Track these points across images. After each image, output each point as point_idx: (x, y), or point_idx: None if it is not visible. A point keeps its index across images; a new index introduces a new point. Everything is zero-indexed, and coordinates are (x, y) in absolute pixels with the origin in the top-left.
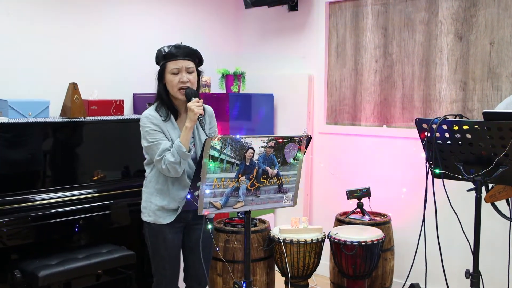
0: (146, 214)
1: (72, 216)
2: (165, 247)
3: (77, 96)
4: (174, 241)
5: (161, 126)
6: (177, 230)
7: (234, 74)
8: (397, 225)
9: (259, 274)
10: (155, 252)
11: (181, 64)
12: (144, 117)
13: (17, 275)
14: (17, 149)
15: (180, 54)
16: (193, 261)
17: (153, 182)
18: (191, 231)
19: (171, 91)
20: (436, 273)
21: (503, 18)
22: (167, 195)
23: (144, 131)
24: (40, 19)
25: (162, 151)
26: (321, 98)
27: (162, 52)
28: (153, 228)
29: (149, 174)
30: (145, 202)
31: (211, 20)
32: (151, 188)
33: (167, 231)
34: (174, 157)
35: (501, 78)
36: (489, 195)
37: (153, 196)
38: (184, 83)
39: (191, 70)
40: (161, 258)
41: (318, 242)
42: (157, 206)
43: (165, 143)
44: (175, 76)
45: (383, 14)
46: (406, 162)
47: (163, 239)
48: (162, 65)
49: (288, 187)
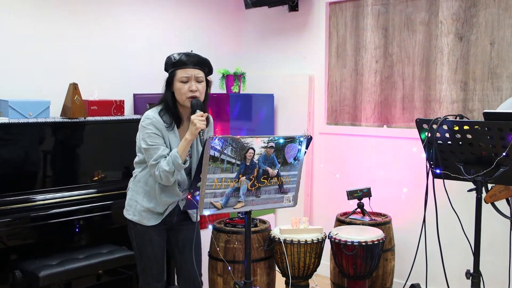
0: (130, 213)
1: (73, 216)
2: (152, 248)
3: (78, 96)
4: (160, 241)
5: (163, 132)
6: (162, 232)
7: (235, 74)
8: (398, 225)
9: (259, 274)
10: (141, 252)
11: (190, 73)
12: (147, 118)
13: (18, 275)
14: (17, 149)
15: (190, 63)
16: (185, 262)
17: (142, 183)
18: (177, 232)
19: (179, 99)
20: (437, 273)
21: (503, 19)
22: (154, 198)
23: (145, 133)
24: (41, 19)
25: (158, 157)
26: (322, 98)
27: (172, 59)
28: (139, 229)
29: (139, 174)
30: (130, 201)
31: (212, 20)
32: (139, 188)
33: (152, 232)
34: (169, 166)
35: (501, 78)
36: (489, 195)
37: (140, 196)
38: (193, 92)
39: (200, 79)
40: (148, 259)
41: (318, 242)
42: (143, 207)
43: (163, 149)
44: (184, 84)
45: (383, 15)
46: (407, 162)
47: (150, 240)
48: (171, 72)
49: (289, 187)
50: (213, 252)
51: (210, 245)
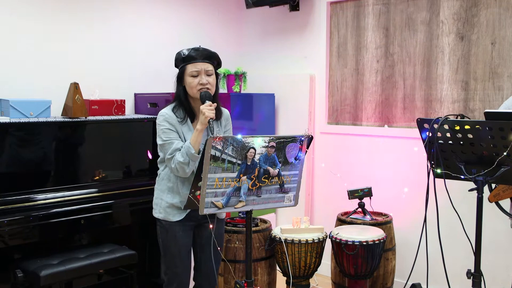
0: (157, 211)
1: (74, 216)
2: (175, 243)
3: (79, 96)
4: (184, 238)
5: (176, 126)
6: (187, 228)
7: (236, 74)
8: (399, 225)
9: (260, 273)
10: (166, 249)
11: (200, 67)
12: (161, 115)
13: (19, 275)
14: (18, 149)
15: (199, 57)
16: (204, 259)
17: (165, 180)
18: (202, 229)
19: (191, 92)
20: (438, 273)
21: (504, 18)
22: (177, 193)
23: (159, 129)
24: (42, 19)
25: (173, 150)
26: (322, 98)
27: (182, 55)
28: (164, 225)
29: (162, 172)
30: (157, 199)
31: (213, 20)
32: (163, 185)
33: (177, 228)
34: (183, 158)
35: (502, 78)
36: (492, 194)
37: (164, 193)
38: (204, 85)
39: (210, 72)
40: (172, 256)
41: (319, 242)
42: (168, 204)
43: (178, 143)
44: (195, 78)
45: (384, 14)
46: (408, 162)
47: (174, 236)
48: (181, 68)
49: (290, 187)
50: None
51: None
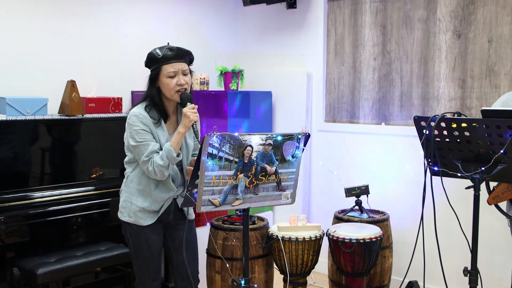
0: (125, 214)
1: (71, 214)
2: (148, 247)
3: (75, 93)
4: (157, 241)
5: (151, 127)
6: (158, 231)
7: (233, 72)
8: (396, 223)
9: (257, 271)
10: (137, 253)
11: (177, 67)
12: (134, 115)
13: (16, 273)
14: (15, 146)
15: (175, 57)
16: (182, 261)
17: (135, 183)
18: (173, 231)
19: (168, 94)
20: (435, 270)
21: (501, 16)
22: (149, 196)
23: (132, 130)
24: (39, 16)
25: (150, 153)
26: (320, 95)
27: (156, 55)
28: (135, 229)
29: (131, 174)
30: (125, 202)
31: (210, 17)
32: (132, 188)
33: (149, 232)
34: (163, 161)
35: (499, 76)
36: (492, 196)
37: (134, 196)
38: (182, 85)
39: (186, 72)
40: (145, 259)
41: (316, 240)
42: (138, 207)
43: (154, 145)
44: (172, 79)
45: (381, 12)
46: (405, 159)
47: (146, 240)
48: (156, 68)
49: (287, 184)
50: (211, 249)
51: (208, 242)
